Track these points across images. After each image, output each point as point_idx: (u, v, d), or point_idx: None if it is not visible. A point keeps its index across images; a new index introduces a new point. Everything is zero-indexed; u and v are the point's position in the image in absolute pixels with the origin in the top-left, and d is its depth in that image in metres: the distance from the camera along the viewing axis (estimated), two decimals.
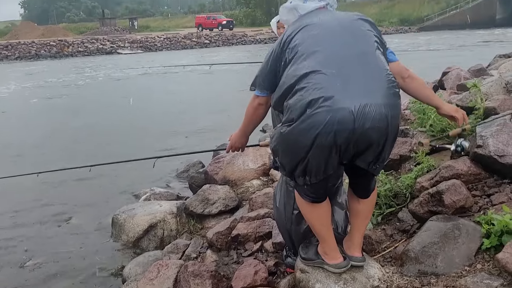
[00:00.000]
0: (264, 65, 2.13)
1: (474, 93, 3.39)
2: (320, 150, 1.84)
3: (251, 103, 2.26)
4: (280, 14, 2.27)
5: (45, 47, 35.57)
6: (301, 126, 1.83)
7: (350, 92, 1.79)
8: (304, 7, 2.13)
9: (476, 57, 16.47)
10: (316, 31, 1.98)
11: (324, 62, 1.87)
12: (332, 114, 1.76)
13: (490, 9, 52.51)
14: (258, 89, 2.19)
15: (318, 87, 1.81)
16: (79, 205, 5.28)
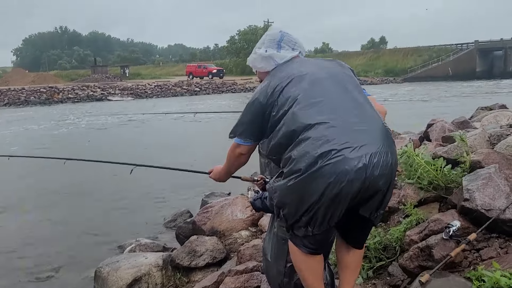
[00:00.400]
0: (246, 114, 2.12)
1: (460, 146, 3.46)
2: (330, 200, 1.84)
3: (233, 152, 2.24)
4: (252, 60, 2.25)
5: (35, 93, 35.75)
6: (311, 177, 1.82)
7: (359, 142, 1.84)
8: (280, 56, 2.16)
9: (458, 108, 16.98)
10: (310, 81, 2.00)
11: (328, 113, 1.90)
12: (346, 164, 1.80)
13: (471, 62, 54.84)
14: (240, 138, 2.17)
15: (329, 139, 1.83)
16: (61, 256, 5.11)
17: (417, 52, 62.33)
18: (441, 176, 3.14)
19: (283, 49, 2.18)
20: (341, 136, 1.84)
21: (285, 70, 2.10)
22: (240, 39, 64.17)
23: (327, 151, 1.81)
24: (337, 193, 1.81)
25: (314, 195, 1.84)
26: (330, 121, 1.88)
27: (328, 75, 2.06)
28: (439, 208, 3.17)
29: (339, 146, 1.82)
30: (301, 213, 1.91)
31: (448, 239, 2.47)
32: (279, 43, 2.18)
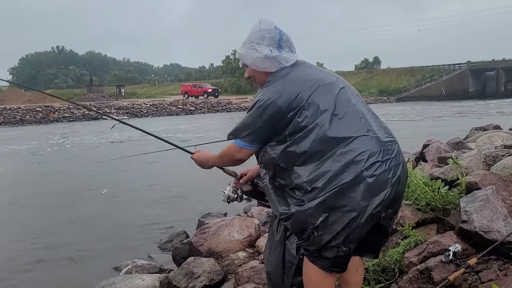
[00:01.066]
0: (257, 117, 2.00)
1: (456, 167, 3.49)
2: (371, 213, 1.86)
3: (231, 155, 2.13)
4: (254, 59, 2.09)
5: (30, 112, 35.73)
6: (356, 190, 1.83)
7: (391, 153, 1.94)
8: (285, 59, 2.08)
9: (452, 128, 17.15)
10: (337, 91, 2.00)
11: (363, 125, 1.95)
12: (387, 175, 1.88)
13: (463, 82, 55.70)
14: (245, 141, 2.05)
15: (371, 152, 1.87)
16: (57, 278, 5.03)
17: (411, 72, 63.25)
18: (438, 198, 3.16)
19: (283, 50, 2.10)
20: (378, 148, 1.90)
21: (303, 74, 2.05)
22: (235, 58, 64.60)
23: (372, 163, 1.85)
24: (378, 204, 1.85)
25: (358, 209, 1.83)
26: (367, 133, 1.92)
27: (346, 86, 2.09)
28: (437, 230, 3.18)
29: (380, 158, 1.88)
30: (339, 230, 1.86)
31: (448, 262, 2.47)
32: (279, 43, 2.10)
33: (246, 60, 2.13)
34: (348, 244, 1.90)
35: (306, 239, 1.95)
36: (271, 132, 2.00)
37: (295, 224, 1.96)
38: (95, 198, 8.82)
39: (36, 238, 6.51)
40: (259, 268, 3.63)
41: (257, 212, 5.83)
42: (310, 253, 1.99)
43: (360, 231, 1.89)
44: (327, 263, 1.97)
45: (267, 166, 2.07)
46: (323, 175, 1.87)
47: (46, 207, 8.22)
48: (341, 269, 2.03)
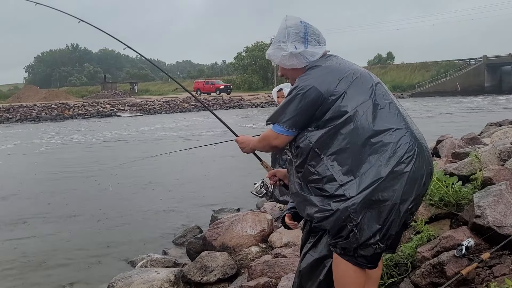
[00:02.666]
0: (296, 103, 1.98)
1: (470, 162, 3.48)
2: (408, 206, 1.89)
3: (269, 141, 2.12)
4: (280, 58, 2.12)
5: (46, 109, 36.26)
6: (398, 182, 1.85)
7: (425, 147, 1.99)
8: (311, 53, 2.08)
9: (467, 124, 16.93)
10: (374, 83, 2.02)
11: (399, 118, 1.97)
12: (423, 168, 1.92)
13: (479, 77, 54.78)
14: (283, 126, 2.03)
15: (409, 145, 1.90)
16: (73, 270, 5.14)
17: (425, 67, 62.49)
18: (452, 193, 3.15)
19: (310, 44, 2.09)
20: (413, 142, 1.92)
21: (342, 64, 2.06)
22: (247, 55, 64.82)
23: (410, 157, 1.88)
24: (414, 199, 1.90)
25: (397, 204, 1.86)
26: (404, 127, 1.94)
27: (380, 81, 2.10)
28: (450, 225, 3.18)
29: (416, 152, 1.90)
30: (379, 227, 1.87)
31: (461, 257, 2.48)
32: (305, 37, 2.09)
33: (274, 59, 2.16)
34: (386, 240, 1.91)
35: (345, 237, 1.91)
36: (309, 118, 1.98)
37: (336, 222, 1.90)
38: (112, 193, 8.96)
39: (53, 229, 6.67)
40: (272, 262, 3.67)
41: (269, 208, 5.87)
42: (346, 251, 1.96)
43: (397, 226, 1.91)
44: (363, 261, 1.96)
45: (302, 151, 2.01)
46: (364, 167, 1.88)
47: (63, 200, 8.38)
48: (376, 265, 2.03)
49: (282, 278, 3.28)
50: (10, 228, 6.85)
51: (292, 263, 3.53)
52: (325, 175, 1.94)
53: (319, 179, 1.96)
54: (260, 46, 63.04)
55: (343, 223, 1.89)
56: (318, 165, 1.96)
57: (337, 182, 1.90)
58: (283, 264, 3.60)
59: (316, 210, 1.95)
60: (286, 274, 3.38)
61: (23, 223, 7.08)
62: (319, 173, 1.96)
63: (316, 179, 1.97)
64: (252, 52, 63.86)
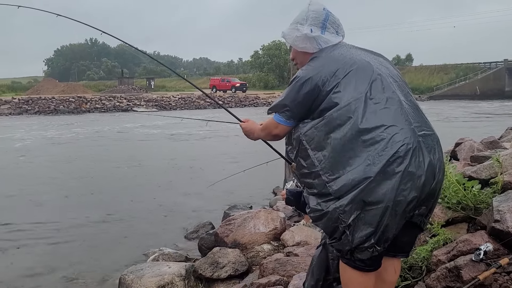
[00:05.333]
0: (295, 93, 1.95)
1: (490, 165, 3.40)
2: (403, 208, 1.76)
3: (270, 130, 2.11)
4: (294, 38, 2.07)
5: (64, 102, 36.77)
6: (390, 184, 1.72)
7: (426, 147, 1.82)
8: (325, 40, 2.03)
9: (486, 127, 16.63)
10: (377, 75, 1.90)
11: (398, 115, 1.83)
12: (425, 166, 1.78)
13: (499, 81, 53.75)
14: (282, 116, 2.01)
15: (406, 142, 1.76)
16: (86, 262, 5.21)
17: (444, 70, 61.55)
18: (470, 196, 3.08)
19: (327, 30, 2.04)
20: (413, 140, 1.78)
21: (345, 53, 1.97)
22: (264, 54, 64.73)
23: (406, 156, 1.74)
24: (411, 201, 1.76)
25: (391, 206, 1.73)
26: (403, 124, 1.80)
27: (390, 72, 1.98)
28: (467, 229, 3.11)
29: (416, 151, 1.76)
30: (373, 229, 1.76)
31: (478, 261, 2.42)
32: (324, 23, 2.04)
33: (288, 39, 2.11)
34: (383, 243, 1.81)
35: (338, 238, 1.86)
36: (307, 109, 1.94)
37: (327, 223, 1.85)
38: (126, 187, 9.04)
39: (69, 217, 6.76)
40: (284, 260, 3.64)
41: (282, 206, 5.84)
42: (342, 254, 1.91)
43: (394, 229, 1.80)
44: (361, 264, 1.89)
45: (295, 143, 1.99)
46: (351, 165, 1.77)
47: (81, 193, 8.48)
48: (377, 267, 1.95)
49: (293, 277, 3.25)
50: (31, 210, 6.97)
51: (304, 262, 3.50)
52: (313, 170, 1.89)
53: (308, 174, 1.92)
54: (277, 45, 62.85)
55: (335, 224, 1.83)
56: (307, 159, 1.92)
57: (323, 179, 1.85)
58: (295, 262, 3.57)
59: (310, 210, 1.93)
60: (297, 272, 3.35)
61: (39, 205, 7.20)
62: (308, 167, 1.92)
63: (306, 173, 1.93)
64: (269, 50, 63.73)
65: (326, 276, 2.27)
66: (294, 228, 4.69)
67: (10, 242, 5.83)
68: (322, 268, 2.29)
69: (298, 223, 5.05)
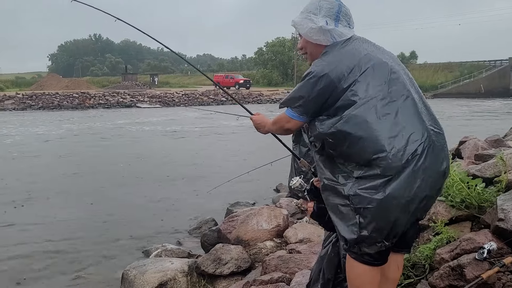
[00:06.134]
0: (309, 88, 1.91)
1: (494, 164, 3.38)
2: (418, 202, 1.82)
3: (281, 125, 2.07)
4: (308, 29, 2.00)
5: (68, 98, 36.85)
6: (409, 177, 1.77)
7: (436, 145, 1.87)
8: (339, 34, 1.98)
9: (490, 126, 16.55)
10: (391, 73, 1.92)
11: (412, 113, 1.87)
12: (437, 164, 1.84)
13: (504, 79, 53.46)
14: (295, 112, 1.97)
15: (420, 143, 1.81)
16: (89, 257, 5.23)
17: (448, 68, 61.21)
18: (474, 195, 3.07)
19: (340, 23, 2.00)
20: (426, 138, 1.83)
21: (360, 49, 1.95)
22: (267, 50, 64.60)
23: (420, 153, 1.79)
24: (424, 197, 1.82)
25: (404, 201, 1.79)
26: (417, 122, 1.85)
27: (402, 70, 1.99)
28: (471, 227, 3.10)
29: (427, 148, 1.82)
30: (383, 224, 1.81)
31: (482, 260, 2.41)
32: (337, 15, 1.99)
33: (300, 29, 2.05)
34: (392, 238, 1.85)
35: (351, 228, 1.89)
36: (321, 105, 1.91)
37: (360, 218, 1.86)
38: (128, 182, 9.06)
39: (72, 214, 6.79)
40: (287, 257, 3.65)
41: (285, 203, 5.84)
42: (350, 248, 1.93)
43: (404, 225, 1.84)
44: (369, 258, 1.91)
45: (317, 139, 1.98)
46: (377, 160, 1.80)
47: (81, 190, 8.51)
48: (384, 262, 1.98)
49: (296, 274, 3.26)
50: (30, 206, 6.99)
51: (307, 259, 3.50)
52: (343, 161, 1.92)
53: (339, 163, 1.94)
54: (281, 41, 62.78)
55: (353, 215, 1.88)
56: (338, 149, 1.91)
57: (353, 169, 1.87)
58: (297, 260, 3.57)
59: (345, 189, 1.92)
60: (300, 270, 3.35)
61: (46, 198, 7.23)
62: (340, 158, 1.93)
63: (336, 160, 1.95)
64: (272, 47, 63.62)
65: (337, 274, 2.28)
66: (297, 225, 4.69)
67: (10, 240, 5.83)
68: (333, 266, 2.29)
69: (301, 220, 5.05)
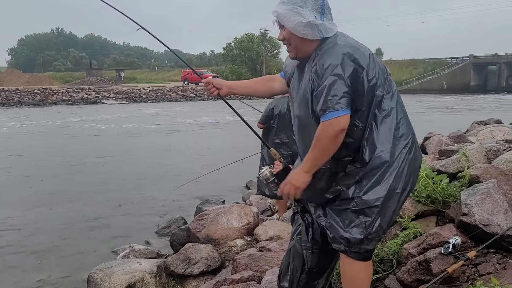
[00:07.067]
0: (342, 81, 1.79)
1: (457, 159, 3.48)
2: (406, 197, 1.96)
3: (332, 129, 1.78)
4: (297, 23, 1.90)
5: (29, 94, 35.55)
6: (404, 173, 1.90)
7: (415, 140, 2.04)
8: (327, 29, 1.92)
9: (453, 122, 17.11)
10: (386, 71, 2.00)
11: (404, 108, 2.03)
12: (418, 161, 1.99)
13: (465, 76, 55.48)
14: (342, 107, 1.77)
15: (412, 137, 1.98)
16: (52, 261, 5.04)
17: (413, 65, 62.90)
18: (439, 190, 3.14)
19: (325, 16, 1.92)
20: (412, 133, 2.00)
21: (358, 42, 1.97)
22: (236, 46, 64.37)
23: (411, 147, 1.94)
24: (411, 189, 2.00)
25: (400, 192, 1.91)
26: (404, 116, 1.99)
27: None
28: (436, 222, 3.18)
29: (414, 143, 1.98)
30: (390, 215, 1.93)
31: (447, 254, 2.47)
32: (322, 9, 1.92)
33: (286, 22, 1.92)
34: (388, 230, 2.00)
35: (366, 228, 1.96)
36: (354, 94, 1.83)
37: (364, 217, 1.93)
38: (91, 181, 8.82)
39: (31, 215, 6.54)
40: (257, 256, 3.63)
41: (255, 201, 5.84)
42: (351, 248, 1.95)
43: (395, 216, 1.98)
44: (368, 255, 1.99)
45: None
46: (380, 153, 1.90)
47: (44, 186, 8.22)
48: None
49: (267, 272, 3.24)
50: None
51: (277, 257, 3.49)
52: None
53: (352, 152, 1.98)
54: (250, 37, 62.62)
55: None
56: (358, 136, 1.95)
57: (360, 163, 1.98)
58: (268, 257, 3.56)
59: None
60: (271, 268, 3.34)
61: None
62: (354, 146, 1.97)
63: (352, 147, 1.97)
64: (241, 43, 63.38)
65: (303, 266, 2.29)
66: (267, 222, 4.69)
67: None
68: (299, 258, 2.30)
69: (271, 218, 5.06)
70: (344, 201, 1.95)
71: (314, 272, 2.25)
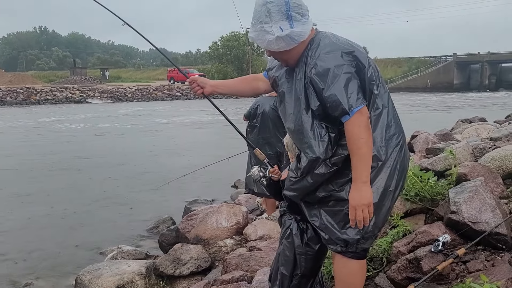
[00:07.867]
0: (351, 77, 1.80)
1: (445, 158, 3.52)
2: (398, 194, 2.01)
3: (362, 121, 1.78)
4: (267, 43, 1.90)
5: (11, 93, 34.93)
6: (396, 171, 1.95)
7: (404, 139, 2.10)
8: (300, 34, 1.86)
9: (438, 120, 17.34)
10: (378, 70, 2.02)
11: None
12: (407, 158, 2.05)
13: (449, 74, 56.29)
14: (360, 104, 1.78)
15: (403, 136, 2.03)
16: (38, 263, 4.95)
17: (397, 63, 63.54)
18: (427, 188, 3.18)
19: (294, 20, 1.84)
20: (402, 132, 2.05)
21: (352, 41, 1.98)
22: (222, 45, 64.20)
23: (402, 146, 2.00)
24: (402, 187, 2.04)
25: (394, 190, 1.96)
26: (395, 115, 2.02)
27: None
28: (425, 220, 3.21)
29: (404, 142, 2.04)
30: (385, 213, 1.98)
31: (437, 252, 2.50)
32: (288, 13, 1.84)
33: (260, 44, 1.92)
34: (382, 227, 2.04)
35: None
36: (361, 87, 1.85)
37: None
38: (79, 182, 8.71)
39: (18, 216, 6.42)
40: (247, 255, 3.62)
41: (244, 200, 5.83)
42: (348, 248, 1.96)
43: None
44: (364, 253, 2.03)
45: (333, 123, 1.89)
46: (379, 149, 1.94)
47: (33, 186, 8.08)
48: None
49: (257, 272, 3.24)
50: None
51: (268, 257, 3.49)
52: None
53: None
54: (236, 36, 62.48)
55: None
56: None
57: None
58: (258, 257, 3.56)
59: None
60: (261, 267, 3.34)
61: None
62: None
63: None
64: (227, 42, 63.23)
65: (294, 271, 2.27)
66: (256, 222, 4.68)
67: None
68: (289, 263, 2.27)
69: (261, 217, 5.05)
70: (338, 202, 1.95)
71: (306, 276, 2.25)
